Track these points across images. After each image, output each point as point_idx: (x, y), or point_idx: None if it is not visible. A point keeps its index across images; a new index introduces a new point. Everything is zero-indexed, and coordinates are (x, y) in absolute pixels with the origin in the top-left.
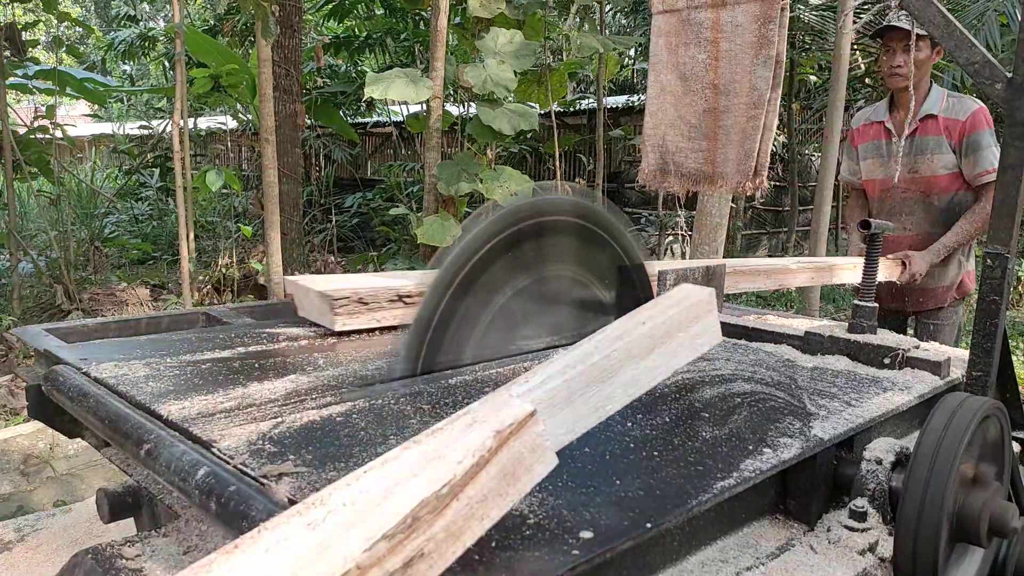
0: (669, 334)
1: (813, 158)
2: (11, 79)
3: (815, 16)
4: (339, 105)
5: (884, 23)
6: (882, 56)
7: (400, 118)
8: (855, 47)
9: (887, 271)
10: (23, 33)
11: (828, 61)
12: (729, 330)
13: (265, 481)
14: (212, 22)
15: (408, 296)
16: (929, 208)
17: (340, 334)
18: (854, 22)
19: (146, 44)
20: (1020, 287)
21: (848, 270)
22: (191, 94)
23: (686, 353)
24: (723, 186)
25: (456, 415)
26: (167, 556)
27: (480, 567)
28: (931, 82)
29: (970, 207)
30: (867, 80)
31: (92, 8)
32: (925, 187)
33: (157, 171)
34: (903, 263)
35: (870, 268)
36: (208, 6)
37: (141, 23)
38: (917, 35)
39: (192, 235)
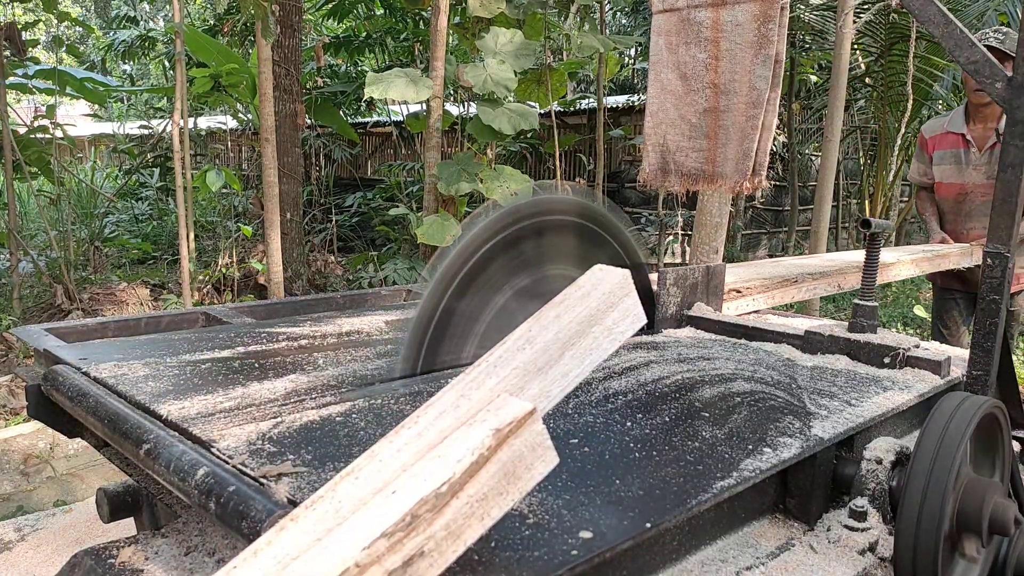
0: (581, 332)
1: (813, 158)
2: (11, 79)
3: (815, 16)
4: (339, 105)
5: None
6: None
7: (400, 118)
8: (855, 47)
9: (977, 256)
10: (23, 33)
11: (828, 61)
12: (729, 329)
13: (264, 481)
14: (212, 22)
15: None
16: None
17: (340, 334)
18: (854, 22)
19: (146, 44)
20: None
21: (960, 255)
22: (191, 94)
23: (605, 347)
24: (723, 185)
25: (442, 396)
26: (167, 556)
27: (480, 567)
28: None
29: None
30: (867, 80)
31: (92, 8)
32: None
33: (157, 171)
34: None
35: (870, 268)
36: (208, 6)
37: (141, 23)
38: (1004, 53)
39: (192, 235)
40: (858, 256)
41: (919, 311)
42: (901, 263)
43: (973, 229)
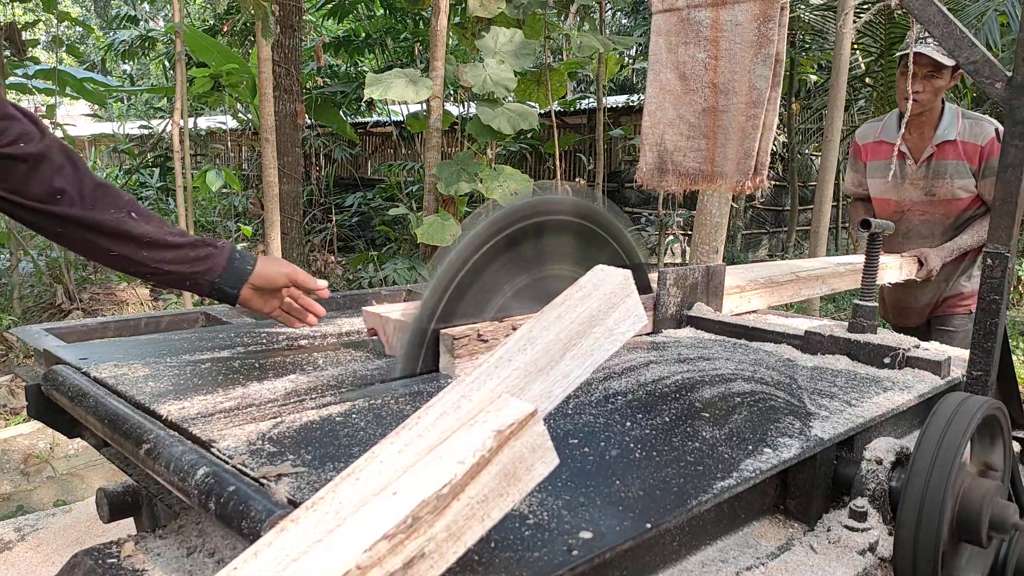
0: (582, 332)
1: (813, 158)
2: (11, 79)
3: (815, 16)
4: (339, 105)
5: (912, 46)
6: (899, 76)
7: (400, 118)
8: (855, 47)
9: (907, 269)
10: (23, 33)
11: (828, 61)
12: (729, 330)
13: (264, 481)
14: (212, 22)
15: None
16: (948, 230)
17: (340, 334)
18: (854, 22)
19: (146, 44)
20: (1020, 287)
21: (896, 267)
22: (191, 94)
23: (606, 348)
24: (722, 185)
25: (444, 397)
26: (167, 556)
27: (480, 567)
28: (943, 101)
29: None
30: (867, 80)
31: (92, 8)
32: (944, 210)
33: (157, 171)
34: (919, 261)
35: (870, 268)
36: (208, 6)
37: (141, 23)
38: (939, 63)
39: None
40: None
41: None
42: (816, 276)
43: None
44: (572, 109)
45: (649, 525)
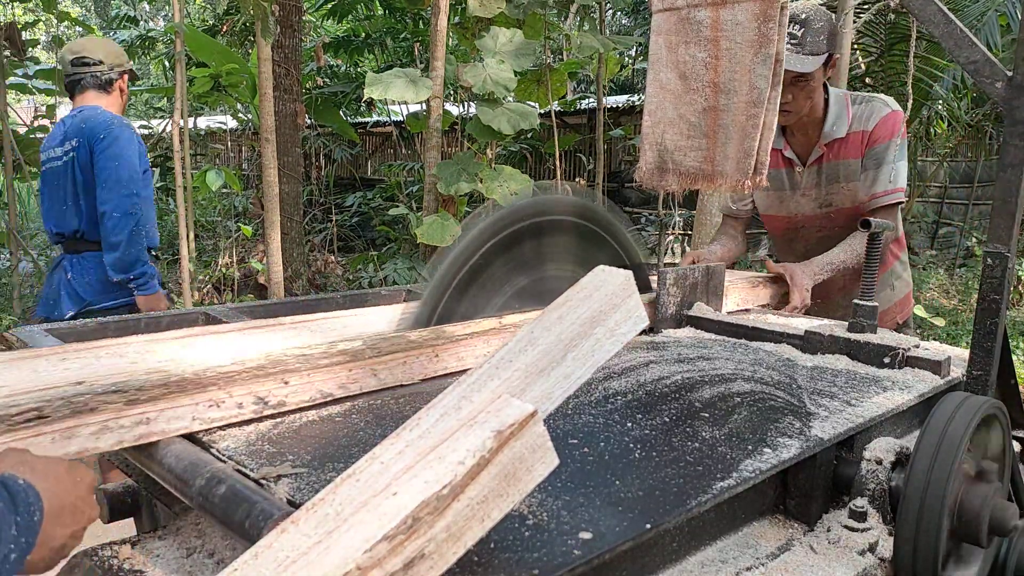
0: (583, 333)
1: None
2: (11, 79)
3: None
4: (339, 105)
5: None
6: None
7: (400, 118)
8: (855, 47)
9: (764, 293)
10: (23, 33)
11: None
12: (729, 329)
13: (264, 482)
14: (212, 22)
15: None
16: None
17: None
18: (854, 22)
19: (146, 44)
20: (1020, 287)
21: None
22: (191, 94)
23: (607, 348)
24: (722, 184)
25: (444, 400)
26: (167, 557)
27: (479, 568)
28: (826, 91)
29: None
30: (867, 80)
31: (92, 8)
32: (844, 223)
33: (157, 171)
34: (784, 279)
35: (870, 268)
36: (208, 6)
37: (141, 23)
38: (806, 73)
39: (192, 235)
40: None
41: (919, 311)
42: None
43: None
44: (572, 109)
45: (649, 525)
